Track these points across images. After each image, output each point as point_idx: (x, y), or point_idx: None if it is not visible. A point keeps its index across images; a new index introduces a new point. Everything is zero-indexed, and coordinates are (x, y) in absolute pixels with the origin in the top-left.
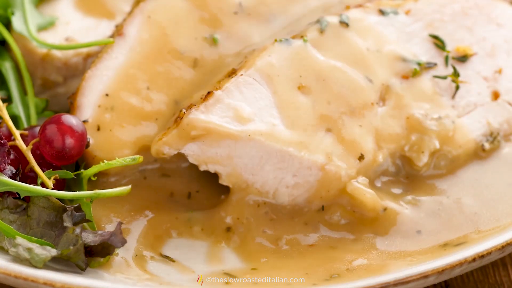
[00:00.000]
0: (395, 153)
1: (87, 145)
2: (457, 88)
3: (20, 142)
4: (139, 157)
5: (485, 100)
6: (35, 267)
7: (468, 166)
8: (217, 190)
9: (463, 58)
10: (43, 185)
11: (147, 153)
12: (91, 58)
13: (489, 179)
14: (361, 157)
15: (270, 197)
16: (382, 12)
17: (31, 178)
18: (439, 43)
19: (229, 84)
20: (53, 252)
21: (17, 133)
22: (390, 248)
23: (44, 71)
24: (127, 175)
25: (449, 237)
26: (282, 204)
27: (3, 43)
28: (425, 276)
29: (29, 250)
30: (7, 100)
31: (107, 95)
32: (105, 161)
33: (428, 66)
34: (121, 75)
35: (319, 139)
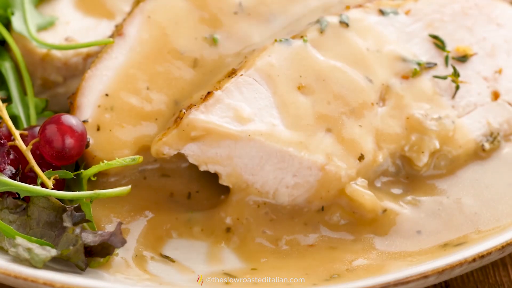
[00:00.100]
0: (395, 153)
1: (87, 145)
2: (457, 88)
3: (20, 142)
4: (139, 157)
5: (485, 100)
6: (35, 267)
7: (468, 166)
8: (217, 190)
9: (463, 58)
10: (43, 185)
11: (147, 153)
12: (91, 58)
13: (489, 179)
14: (361, 157)
15: (270, 197)
16: (382, 12)
17: (31, 178)
18: (439, 43)
19: (229, 84)
20: (53, 252)
21: (17, 133)
22: (390, 248)
23: (44, 71)
24: (127, 175)
25: (449, 237)
26: (282, 204)
27: (3, 43)
28: (425, 276)
29: (29, 250)
30: (7, 100)
31: (107, 95)
32: (105, 161)
33: (428, 66)
34: (121, 75)
35: (319, 139)
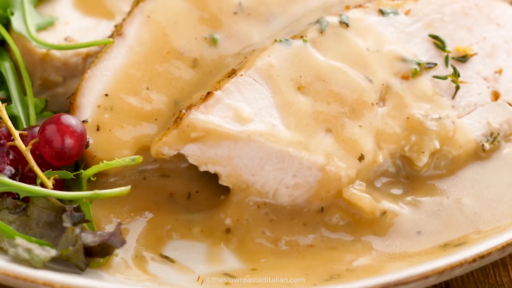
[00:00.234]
0: (395, 153)
1: (86, 145)
2: (457, 88)
3: (19, 142)
4: (138, 158)
5: (485, 100)
6: (35, 267)
7: (468, 166)
8: (216, 191)
9: (463, 58)
10: (43, 185)
11: (147, 154)
12: (90, 58)
13: (489, 179)
14: (361, 158)
15: (270, 198)
16: (382, 12)
17: (31, 178)
18: (439, 43)
19: (229, 85)
20: (53, 252)
21: (16, 133)
22: (390, 248)
23: (43, 71)
24: (126, 176)
25: (449, 238)
26: (282, 205)
27: (2, 43)
28: (425, 276)
29: (28, 250)
30: (7, 100)
31: (106, 95)
32: (104, 161)
33: (428, 66)
34: (121, 75)
35: (319, 139)
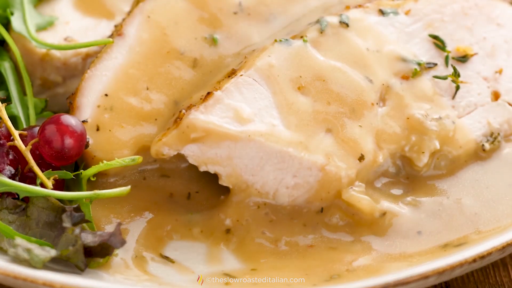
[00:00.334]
0: (395, 153)
1: (86, 145)
2: (457, 88)
3: (19, 143)
4: (138, 158)
5: (486, 101)
6: (34, 267)
7: (468, 166)
8: (216, 191)
9: (463, 58)
10: (42, 185)
11: (147, 154)
12: (90, 58)
13: (489, 179)
14: (361, 158)
15: (270, 198)
16: (382, 12)
17: (30, 178)
18: (439, 43)
19: (229, 85)
20: (53, 252)
21: (16, 133)
22: (390, 249)
23: (43, 71)
24: (126, 176)
25: (450, 238)
26: (282, 205)
27: (2, 43)
28: (425, 276)
29: (28, 250)
30: (6, 100)
31: (106, 95)
32: (104, 161)
33: (428, 66)
34: (121, 75)
35: (319, 139)
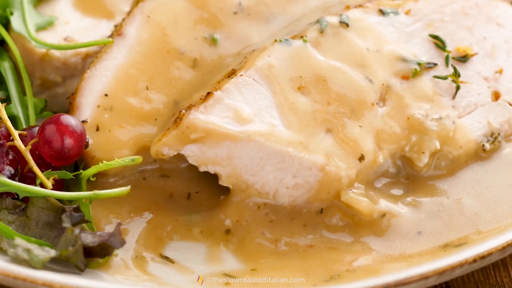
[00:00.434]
0: (395, 153)
1: (86, 145)
2: (458, 88)
3: (18, 143)
4: (138, 158)
5: (486, 101)
6: (34, 267)
7: (468, 166)
8: (216, 191)
9: (463, 58)
10: (42, 185)
11: (147, 154)
12: (90, 58)
13: (489, 179)
14: (361, 158)
15: (270, 198)
16: (382, 12)
17: (30, 178)
18: (439, 43)
19: (228, 85)
20: (52, 252)
21: (15, 133)
22: (390, 249)
23: (43, 71)
24: (126, 176)
25: (450, 238)
26: (282, 205)
27: (2, 43)
28: (425, 277)
29: (28, 250)
30: (6, 100)
31: (106, 95)
32: (104, 161)
33: (428, 66)
34: (120, 75)
35: (319, 139)
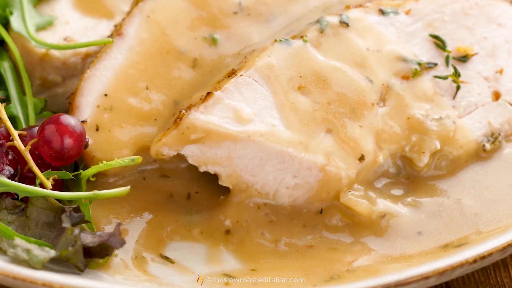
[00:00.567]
0: (395, 153)
1: (86, 145)
2: (458, 88)
3: (18, 143)
4: (138, 158)
5: (486, 100)
6: (34, 268)
7: (469, 166)
8: (216, 191)
9: (463, 58)
10: (42, 185)
11: (146, 154)
12: (90, 58)
13: (490, 179)
14: (361, 158)
15: (270, 198)
16: (382, 12)
17: (30, 178)
18: (439, 43)
19: (228, 85)
20: (52, 253)
21: (15, 133)
22: (390, 249)
23: (42, 71)
24: (126, 176)
25: (450, 238)
26: (282, 205)
27: (1, 43)
28: (425, 277)
29: (27, 251)
30: (6, 100)
31: (106, 95)
32: (104, 161)
33: (428, 66)
34: (120, 75)
35: (319, 139)
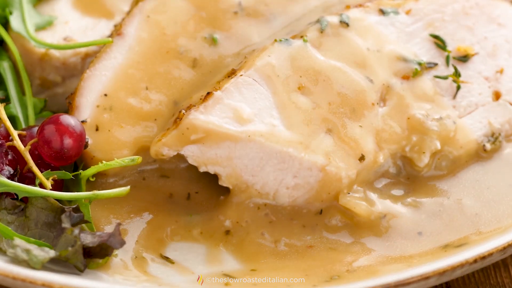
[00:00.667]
0: (396, 153)
1: (85, 145)
2: (458, 88)
3: (18, 143)
4: (138, 158)
5: (487, 100)
6: (33, 268)
7: (469, 166)
8: (216, 191)
9: (464, 58)
10: (41, 185)
11: (146, 154)
12: (89, 58)
13: (490, 180)
14: (361, 158)
15: (270, 199)
16: (383, 12)
17: (29, 178)
18: (440, 43)
19: (228, 85)
20: (52, 253)
21: (15, 133)
22: (390, 249)
23: (42, 71)
24: (126, 176)
25: (450, 239)
26: (282, 206)
27: (1, 43)
28: (426, 277)
29: (27, 251)
30: (5, 100)
31: (105, 95)
32: (103, 161)
33: (429, 66)
34: (120, 75)
35: (319, 139)
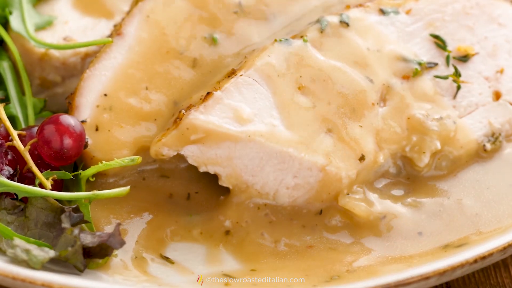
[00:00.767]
0: (396, 153)
1: (85, 145)
2: (459, 88)
3: (18, 143)
4: (137, 158)
5: (487, 100)
6: (33, 268)
7: (469, 166)
8: (216, 191)
9: (464, 58)
10: (41, 185)
11: (146, 154)
12: (89, 58)
13: (490, 180)
14: (361, 158)
15: (270, 199)
16: (383, 12)
17: (29, 178)
18: (440, 43)
19: (228, 85)
20: (51, 253)
21: (15, 133)
22: (390, 249)
23: (42, 71)
24: (125, 176)
25: (450, 239)
26: (282, 206)
27: (1, 42)
28: (426, 277)
29: (27, 251)
30: (5, 100)
31: (105, 95)
32: (103, 161)
33: (429, 66)
34: (120, 75)
35: (319, 139)
